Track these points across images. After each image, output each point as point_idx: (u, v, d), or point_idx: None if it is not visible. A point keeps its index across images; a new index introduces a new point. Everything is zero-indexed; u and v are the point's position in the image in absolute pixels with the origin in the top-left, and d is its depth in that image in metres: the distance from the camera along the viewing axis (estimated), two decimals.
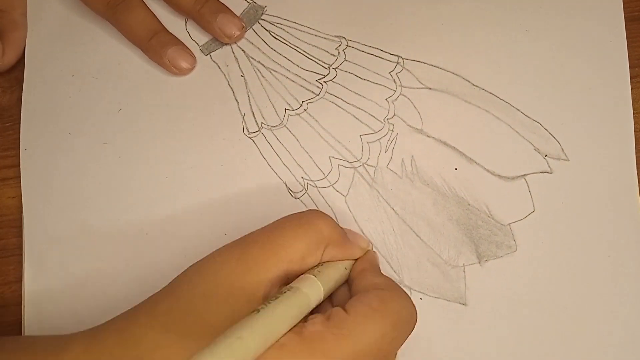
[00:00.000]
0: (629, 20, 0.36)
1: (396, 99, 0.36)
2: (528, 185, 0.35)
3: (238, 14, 0.38)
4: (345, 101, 0.36)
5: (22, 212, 0.36)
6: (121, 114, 0.37)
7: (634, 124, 0.35)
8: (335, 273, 0.29)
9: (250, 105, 0.37)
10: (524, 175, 0.35)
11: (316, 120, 0.36)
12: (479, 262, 0.34)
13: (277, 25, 0.38)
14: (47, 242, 0.35)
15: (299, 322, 0.26)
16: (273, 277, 0.27)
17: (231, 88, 0.37)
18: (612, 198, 0.34)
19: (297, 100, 0.37)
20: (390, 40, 0.37)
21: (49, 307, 0.34)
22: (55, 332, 0.31)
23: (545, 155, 0.35)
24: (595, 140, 0.35)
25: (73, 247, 0.35)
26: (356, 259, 0.31)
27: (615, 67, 0.36)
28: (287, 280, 0.28)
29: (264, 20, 0.38)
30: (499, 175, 0.35)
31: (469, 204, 0.35)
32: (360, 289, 0.29)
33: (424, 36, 0.37)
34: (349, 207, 0.35)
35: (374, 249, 0.34)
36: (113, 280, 0.35)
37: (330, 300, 0.30)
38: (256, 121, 0.37)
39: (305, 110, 0.36)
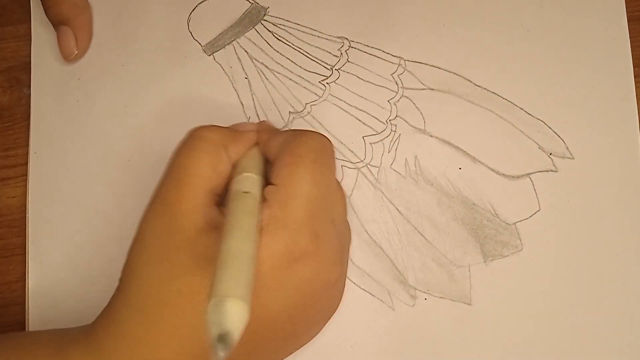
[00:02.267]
0: (631, 20, 0.35)
1: (398, 100, 0.35)
2: (533, 184, 0.33)
3: (240, 15, 0.37)
4: (347, 103, 0.36)
5: (22, 212, 0.35)
6: (127, 117, 0.36)
7: (639, 122, 0.34)
8: (252, 160, 0.29)
9: (255, 107, 0.36)
10: (529, 174, 0.34)
11: (319, 122, 0.35)
12: (485, 262, 0.33)
13: (280, 26, 0.37)
14: (52, 243, 0.34)
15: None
16: (199, 207, 0.27)
17: (235, 90, 0.36)
18: (617, 196, 0.33)
19: (301, 103, 0.36)
20: (392, 41, 0.36)
21: (53, 308, 0.33)
22: None
23: (550, 154, 0.34)
24: (600, 138, 0.34)
25: (78, 248, 0.34)
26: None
27: (619, 65, 0.35)
28: (218, 197, 0.28)
29: (266, 21, 0.37)
30: (503, 174, 0.34)
31: (474, 204, 0.34)
32: (273, 157, 0.28)
33: (426, 37, 0.36)
34: (353, 208, 0.34)
35: (379, 248, 0.33)
36: (118, 282, 0.33)
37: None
38: None
39: (309, 112, 0.36)
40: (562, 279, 0.32)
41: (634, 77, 0.35)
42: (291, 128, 0.35)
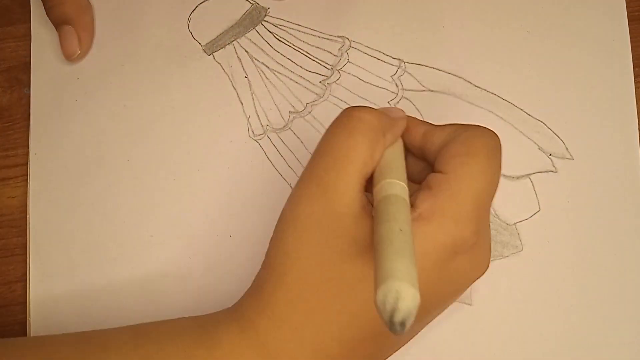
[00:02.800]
0: (630, 20, 0.35)
1: (398, 101, 0.35)
2: (533, 185, 0.33)
3: (240, 15, 0.37)
4: (348, 104, 0.35)
5: (22, 212, 0.35)
6: (127, 117, 0.36)
7: (638, 122, 0.34)
8: (396, 158, 0.27)
9: (255, 107, 0.36)
10: (529, 174, 0.34)
11: (320, 123, 0.35)
12: None
13: (280, 26, 0.37)
14: (53, 244, 0.34)
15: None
16: (358, 189, 0.26)
17: (235, 89, 0.36)
18: (617, 196, 0.33)
19: (302, 102, 0.36)
20: (391, 43, 0.36)
21: (54, 308, 0.33)
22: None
23: (550, 155, 0.34)
24: (599, 139, 0.34)
25: (79, 249, 0.34)
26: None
27: (619, 65, 0.35)
28: (367, 183, 0.26)
29: (266, 21, 0.37)
30: (503, 175, 0.34)
31: None
32: (437, 147, 0.27)
33: (426, 39, 0.36)
34: None
35: None
36: (119, 282, 0.33)
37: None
38: (261, 124, 0.35)
39: (309, 112, 0.35)
40: (562, 279, 0.32)
41: (634, 77, 0.34)
42: (291, 129, 0.35)
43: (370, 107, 0.27)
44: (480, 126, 0.28)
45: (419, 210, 0.25)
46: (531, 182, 0.34)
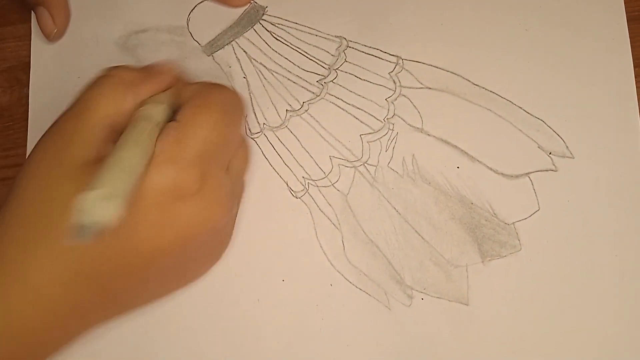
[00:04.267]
0: (630, 20, 0.34)
1: (396, 99, 0.34)
2: (532, 184, 0.32)
3: (239, 15, 0.36)
4: (345, 102, 0.35)
5: None
6: None
7: None
8: (160, 101, 0.28)
9: (252, 106, 0.35)
10: (528, 173, 0.33)
11: (317, 121, 0.35)
12: (482, 262, 0.31)
13: (278, 25, 0.36)
14: None
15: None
16: (96, 140, 0.26)
17: (233, 89, 0.36)
18: (617, 195, 0.32)
19: (298, 101, 0.35)
20: (389, 41, 0.35)
21: None
22: None
23: (550, 153, 0.33)
24: (600, 137, 0.32)
25: None
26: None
27: (619, 64, 0.33)
28: (118, 135, 0.26)
29: (265, 20, 0.36)
30: (502, 174, 0.33)
31: (472, 203, 0.33)
32: (185, 99, 0.28)
33: (424, 36, 0.35)
34: (350, 207, 0.33)
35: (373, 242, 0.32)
36: None
37: None
38: (258, 122, 0.35)
39: (306, 111, 0.35)
40: (561, 279, 0.31)
41: (635, 77, 0.33)
42: (288, 127, 0.35)
43: (130, 66, 0.29)
44: (223, 85, 0.29)
45: (153, 154, 0.26)
46: (530, 181, 0.32)
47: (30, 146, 0.36)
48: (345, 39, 0.36)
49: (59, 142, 0.26)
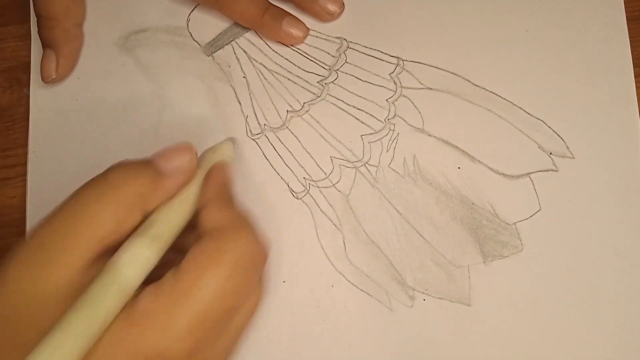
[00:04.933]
0: (630, 20, 0.34)
1: (396, 99, 0.34)
2: (533, 184, 0.32)
3: None
4: (345, 102, 0.34)
5: (22, 212, 0.34)
6: (126, 117, 0.35)
7: None
8: (170, 219, 0.23)
9: (253, 106, 0.35)
10: (529, 173, 0.32)
11: (317, 122, 0.34)
12: (484, 262, 0.31)
13: None
14: None
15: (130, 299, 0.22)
16: (85, 263, 0.22)
17: (233, 89, 0.35)
18: (618, 195, 0.31)
19: (299, 102, 0.35)
20: (390, 42, 0.35)
21: None
22: None
23: (550, 153, 0.32)
24: (600, 137, 0.32)
25: None
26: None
27: (619, 64, 0.33)
28: (115, 249, 0.23)
29: None
30: (503, 174, 0.33)
31: (473, 203, 0.32)
32: (200, 231, 0.24)
33: (424, 37, 0.35)
34: (351, 207, 0.33)
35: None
36: None
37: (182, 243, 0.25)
38: (259, 123, 0.35)
39: (307, 111, 0.35)
40: (562, 279, 0.31)
41: (634, 77, 0.33)
42: (289, 128, 0.34)
43: (137, 167, 0.24)
44: (250, 230, 0.24)
45: (136, 304, 0.21)
46: (531, 181, 0.32)
47: (30, 146, 0.35)
48: (345, 39, 0.35)
49: (40, 258, 0.22)
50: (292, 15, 0.35)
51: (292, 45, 0.36)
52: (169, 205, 0.24)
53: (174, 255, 0.24)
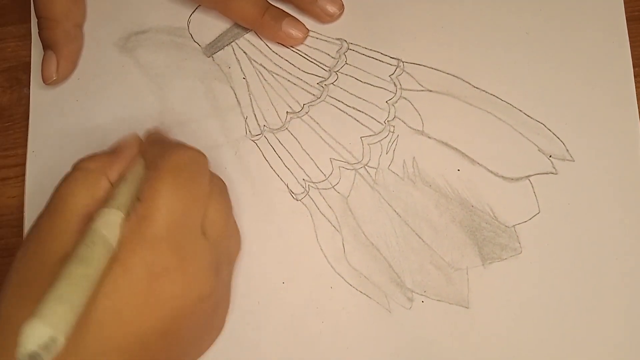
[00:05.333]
0: (630, 20, 0.33)
1: (396, 101, 0.34)
2: (533, 187, 0.32)
3: None
4: (345, 104, 0.34)
5: (22, 212, 0.34)
6: (126, 118, 0.35)
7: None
8: (128, 182, 0.27)
9: (253, 108, 0.35)
10: (529, 176, 0.32)
11: (317, 123, 0.34)
12: (483, 265, 0.31)
13: None
14: None
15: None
16: (73, 229, 0.26)
17: (233, 90, 0.35)
18: (618, 198, 0.31)
19: (299, 103, 0.35)
20: (390, 43, 0.35)
21: None
22: None
23: (550, 156, 0.32)
24: (600, 140, 0.32)
25: None
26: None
27: (619, 66, 0.33)
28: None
29: None
30: (502, 177, 0.32)
31: (472, 206, 0.32)
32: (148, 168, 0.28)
33: (424, 39, 0.35)
34: (350, 209, 0.33)
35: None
36: None
37: None
38: (258, 124, 0.35)
39: (306, 113, 0.34)
40: (561, 282, 0.31)
41: (634, 77, 0.33)
42: (288, 129, 0.34)
43: (95, 154, 0.28)
44: (178, 145, 0.28)
45: (120, 238, 0.25)
46: (531, 184, 0.32)
47: (31, 145, 0.35)
48: (345, 41, 0.35)
49: (37, 240, 0.26)
50: (291, 16, 0.35)
51: (291, 46, 0.35)
52: (125, 174, 0.28)
53: None
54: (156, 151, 0.28)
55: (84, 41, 0.37)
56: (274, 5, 0.35)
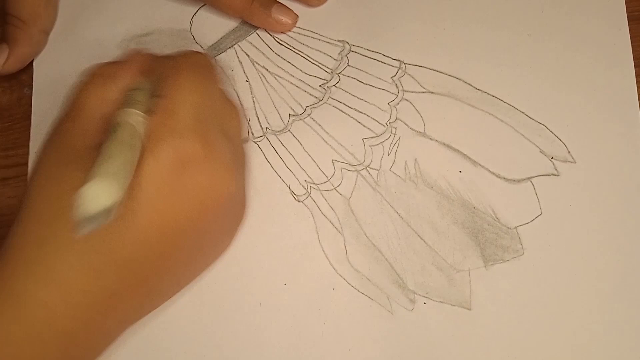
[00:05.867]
0: (631, 19, 0.33)
1: (398, 103, 0.34)
2: (535, 188, 0.32)
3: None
4: (347, 106, 0.34)
5: None
6: None
7: None
8: (137, 90, 0.28)
9: (255, 110, 0.35)
10: (530, 177, 0.32)
11: (319, 125, 0.34)
12: (485, 266, 0.31)
13: None
14: None
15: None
16: (91, 128, 0.27)
17: (236, 93, 0.35)
18: (620, 200, 0.31)
19: (301, 105, 0.35)
20: (392, 45, 0.35)
21: None
22: None
23: (552, 158, 0.32)
24: (602, 142, 0.32)
25: None
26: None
27: (621, 68, 0.33)
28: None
29: None
30: (504, 178, 0.32)
31: (474, 207, 0.32)
32: (158, 77, 0.28)
33: (426, 40, 0.35)
34: (352, 210, 0.33)
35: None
36: None
37: None
38: (261, 126, 0.34)
39: (309, 115, 0.34)
40: (563, 284, 0.30)
41: (635, 77, 0.33)
42: (291, 131, 0.34)
43: (106, 62, 0.29)
44: (187, 50, 0.30)
45: (146, 133, 0.26)
46: (533, 185, 0.32)
47: (32, 146, 0.35)
48: (348, 43, 0.35)
49: (59, 140, 0.27)
50: (280, 2, 0.35)
51: (281, 32, 0.36)
52: (137, 83, 0.29)
53: None
54: (164, 59, 0.29)
55: (44, 46, 0.37)
56: None
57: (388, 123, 0.34)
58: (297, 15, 0.36)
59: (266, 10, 0.35)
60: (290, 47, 0.36)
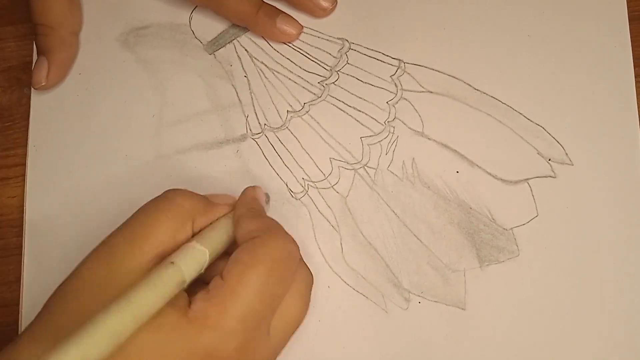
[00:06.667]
0: (631, 19, 0.33)
1: (397, 102, 0.34)
2: (531, 190, 0.31)
3: None
4: (346, 103, 0.34)
5: (22, 212, 0.34)
6: (127, 113, 0.35)
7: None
8: (216, 232, 0.27)
9: (254, 106, 0.34)
10: (527, 179, 0.32)
11: (317, 122, 0.34)
12: (480, 267, 0.31)
13: None
14: (49, 240, 0.33)
15: (183, 298, 0.25)
16: (143, 265, 0.25)
17: (234, 88, 0.35)
18: (617, 202, 0.31)
19: (299, 102, 0.34)
20: (392, 44, 0.34)
21: None
22: None
23: (549, 160, 0.32)
24: (599, 144, 0.32)
25: (75, 247, 0.33)
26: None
27: (620, 71, 0.32)
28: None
29: None
30: (501, 179, 0.32)
31: (471, 208, 0.32)
32: (237, 242, 0.27)
33: (426, 40, 0.34)
34: (349, 209, 0.33)
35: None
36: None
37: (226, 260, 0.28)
38: (259, 122, 0.34)
39: (307, 112, 0.34)
40: (558, 285, 0.30)
41: (635, 77, 0.32)
42: (289, 128, 0.34)
43: (190, 192, 0.28)
44: (279, 233, 0.27)
45: (191, 309, 0.24)
46: (529, 187, 0.32)
47: (31, 146, 0.35)
48: (347, 40, 0.35)
49: (108, 265, 0.25)
50: (285, 13, 0.35)
51: (286, 42, 0.35)
52: (214, 224, 0.28)
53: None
54: (253, 226, 0.27)
55: (79, 48, 0.36)
56: (267, 3, 0.35)
57: (386, 122, 0.33)
58: (302, 26, 0.35)
59: (271, 20, 0.34)
60: (289, 44, 0.35)
